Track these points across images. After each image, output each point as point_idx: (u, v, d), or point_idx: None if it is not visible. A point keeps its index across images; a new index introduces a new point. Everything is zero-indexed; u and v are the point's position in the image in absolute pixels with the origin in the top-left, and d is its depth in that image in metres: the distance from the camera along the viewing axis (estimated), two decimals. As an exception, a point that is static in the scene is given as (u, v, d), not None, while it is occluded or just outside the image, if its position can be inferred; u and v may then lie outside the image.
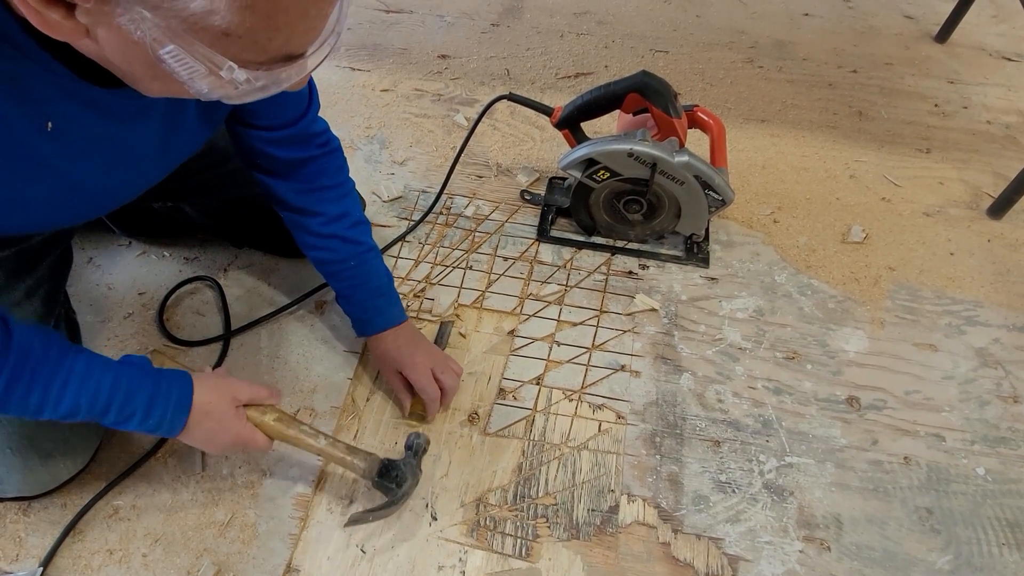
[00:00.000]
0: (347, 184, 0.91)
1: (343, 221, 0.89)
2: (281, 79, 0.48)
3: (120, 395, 0.67)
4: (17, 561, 0.81)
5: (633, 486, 0.89)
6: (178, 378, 0.73)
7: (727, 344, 1.04)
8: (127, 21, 0.42)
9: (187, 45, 0.42)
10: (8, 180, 0.56)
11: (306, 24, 0.45)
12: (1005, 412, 0.98)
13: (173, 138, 0.70)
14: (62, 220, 0.73)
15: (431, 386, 0.90)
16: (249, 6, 0.41)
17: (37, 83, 0.52)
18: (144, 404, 0.69)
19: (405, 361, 0.90)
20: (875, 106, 1.48)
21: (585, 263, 1.15)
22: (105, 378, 0.67)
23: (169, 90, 0.51)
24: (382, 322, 0.92)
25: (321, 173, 0.87)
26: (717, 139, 1.09)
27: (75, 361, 0.66)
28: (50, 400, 0.64)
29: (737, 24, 1.72)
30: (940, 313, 1.09)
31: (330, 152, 0.88)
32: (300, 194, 0.87)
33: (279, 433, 0.78)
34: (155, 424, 0.70)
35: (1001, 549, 0.85)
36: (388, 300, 0.93)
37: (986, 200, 1.27)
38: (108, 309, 1.05)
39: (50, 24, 0.43)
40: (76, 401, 0.65)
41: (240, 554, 0.82)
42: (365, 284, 0.91)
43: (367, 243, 0.91)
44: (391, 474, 0.80)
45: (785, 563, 0.83)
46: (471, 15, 1.72)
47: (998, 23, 1.76)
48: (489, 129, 1.38)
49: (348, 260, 0.90)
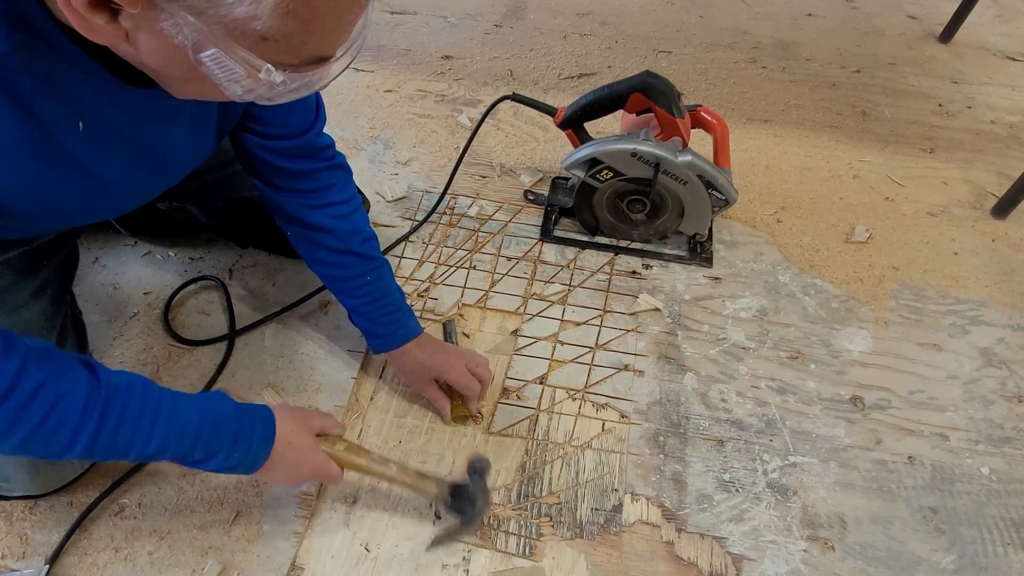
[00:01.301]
0: (356, 200, 0.90)
1: (355, 237, 0.88)
2: (313, 81, 0.49)
3: (208, 428, 0.65)
4: (24, 559, 0.81)
5: (637, 485, 0.89)
6: (259, 409, 0.71)
7: (731, 344, 1.04)
8: (170, 26, 0.43)
9: (227, 48, 0.44)
10: (39, 179, 0.57)
11: (340, 28, 0.47)
12: (1010, 412, 0.97)
13: (194, 142, 0.71)
14: (81, 219, 0.74)
15: (472, 382, 0.90)
16: (290, 12, 0.42)
17: (71, 83, 0.53)
18: (230, 436, 0.67)
19: (442, 366, 0.90)
20: (879, 106, 1.48)
21: (588, 263, 1.15)
22: (191, 412, 0.65)
23: (202, 92, 0.53)
24: (403, 335, 0.90)
25: (330, 188, 0.86)
26: (720, 139, 1.09)
27: (161, 398, 0.64)
28: (139, 438, 0.62)
29: (740, 24, 1.73)
30: (944, 313, 1.09)
31: (336, 167, 0.87)
32: (312, 210, 0.86)
33: (350, 463, 0.77)
34: (240, 456, 0.67)
35: (1006, 549, 0.85)
36: (406, 313, 0.91)
37: (990, 200, 1.27)
38: (114, 309, 1.06)
39: (92, 28, 0.44)
40: (165, 438, 0.63)
41: (245, 552, 0.82)
42: (382, 299, 0.90)
43: (379, 258, 0.90)
44: (463, 495, 0.80)
45: (789, 562, 0.83)
46: (474, 16, 1.72)
47: (1002, 23, 1.75)
48: (492, 129, 1.39)
49: (364, 275, 0.88)
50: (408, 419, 0.95)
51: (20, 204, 0.59)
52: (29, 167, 0.55)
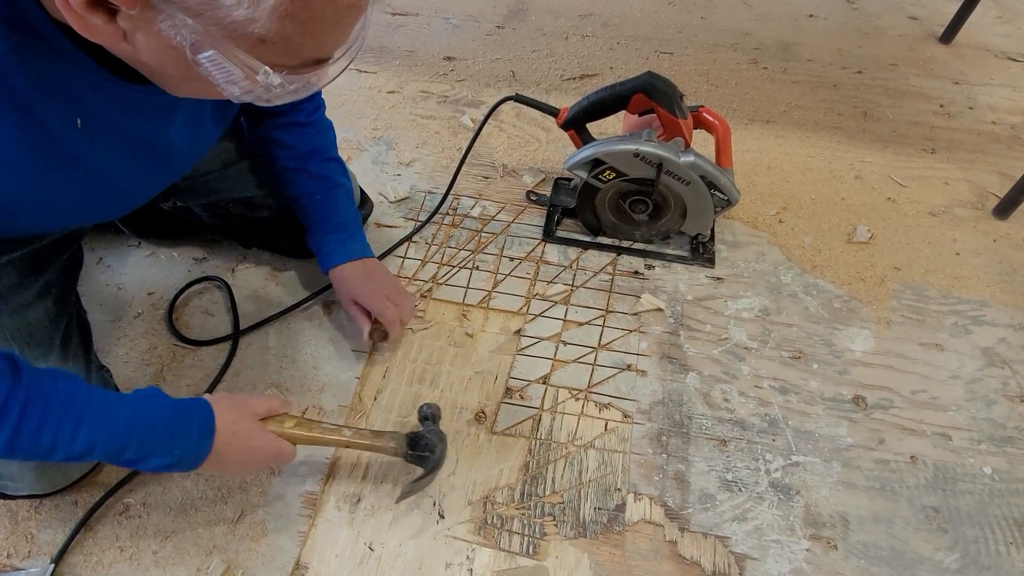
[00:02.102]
0: (322, 123, 0.92)
1: (313, 157, 0.90)
2: (311, 83, 0.49)
3: (140, 427, 0.64)
4: (29, 558, 0.81)
5: (640, 485, 0.89)
6: (196, 403, 0.69)
7: (733, 344, 1.05)
8: (168, 27, 0.43)
9: (225, 50, 0.44)
10: (40, 178, 0.57)
11: (338, 31, 0.47)
12: (1012, 411, 0.98)
13: (192, 135, 0.72)
14: (85, 219, 0.74)
15: (388, 308, 0.91)
16: (289, 15, 0.43)
17: (69, 81, 0.54)
18: (166, 434, 0.65)
19: (360, 288, 0.92)
20: (880, 107, 1.49)
21: (591, 263, 1.15)
22: (121, 410, 0.64)
23: (199, 91, 0.53)
24: (343, 254, 0.93)
25: (297, 112, 0.89)
26: (722, 140, 1.09)
27: (88, 397, 0.63)
28: (63, 437, 0.61)
29: (742, 26, 1.73)
30: (946, 313, 1.09)
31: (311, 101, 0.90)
32: (272, 128, 0.89)
33: (304, 438, 0.77)
34: (180, 453, 0.66)
35: (1008, 548, 0.85)
36: (351, 235, 0.94)
37: (992, 200, 1.27)
38: (118, 309, 1.06)
39: (90, 27, 0.44)
40: (92, 437, 0.62)
41: (249, 551, 0.82)
42: (329, 219, 0.93)
43: (335, 180, 0.92)
44: (421, 444, 0.81)
45: (792, 561, 0.83)
46: (476, 17, 1.73)
47: (1003, 24, 1.76)
48: (495, 130, 1.39)
49: (314, 194, 0.91)
50: (411, 419, 0.95)
51: (20, 203, 0.59)
52: (28, 166, 0.56)
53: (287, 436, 0.76)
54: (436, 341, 1.03)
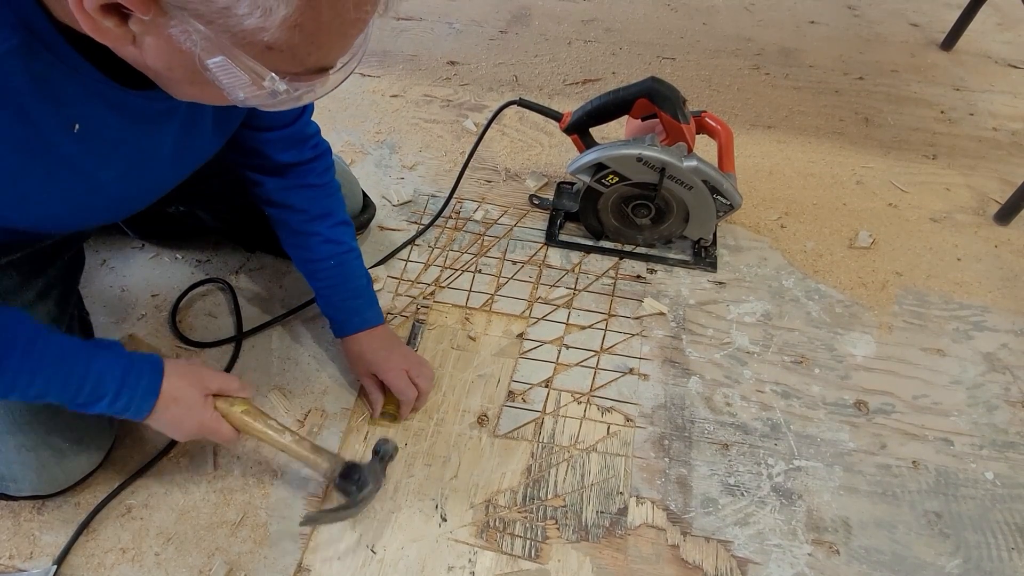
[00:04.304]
0: (332, 185, 0.92)
1: (326, 220, 0.90)
2: (313, 90, 0.50)
3: (92, 379, 0.68)
4: (31, 559, 0.81)
5: (642, 488, 0.89)
6: (149, 363, 0.73)
7: (735, 348, 1.05)
8: (179, 32, 0.44)
9: (233, 57, 0.45)
10: (30, 177, 0.57)
11: (343, 42, 0.49)
12: (1013, 417, 0.98)
13: (191, 142, 0.72)
14: (81, 222, 0.74)
15: (408, 388, 0.91)
16: (298, 25, 0.44)
17: (67, 84, 0.54)
18: (114, 388, 0.69)
19: (380, 363, 0.91)
20: (881, 113, 1.49)
21: (593, 267, 1.15)
22: (78, 362, 0.67)
23: (203, 95, 0.53)
24: (359, 323, 0.92)
25: (308, 172, 0.89)
26: (725, 145, 1.10)
27: (46, 345, 0.66)
28: (21, 381, 0.64)
29: (744, 32, 1.74)
30: (947, 318, 1.10)
31: (320, 154, 0.90)
32: (285, 191, 0.88)
33: (244, 425, 0.78)
34: (123, 407, 0.70)
35: (1011, 553, 0.85)
36: (366, 302, 0.93)
37: (993, 206, 1.27)
38: (122, 311, 1.06)
39: (101, 30, 0.45)
40: (47, 383, 0.65)
41: (252, 554, 0.82)
42: (343, 285, 0.92)
43: (347, 244, 0.92)
44: (353, 477, 0.80)
45: (794, 566, 0.83)
46: (480, 22, 1.74)
47: (1003, 31, 1.76)
48: (498, 134, 1.39)
49: (328, 259, 0.90)
50: (413, 422, 0.95)
51: (8, 205, 0.59)
52: (16, 158, 0.55)
53: (231, 418, 0.78)
54: (439, 344, 1.04)
